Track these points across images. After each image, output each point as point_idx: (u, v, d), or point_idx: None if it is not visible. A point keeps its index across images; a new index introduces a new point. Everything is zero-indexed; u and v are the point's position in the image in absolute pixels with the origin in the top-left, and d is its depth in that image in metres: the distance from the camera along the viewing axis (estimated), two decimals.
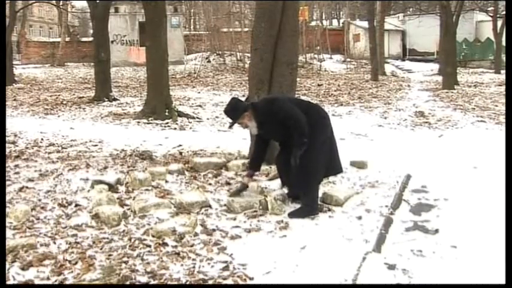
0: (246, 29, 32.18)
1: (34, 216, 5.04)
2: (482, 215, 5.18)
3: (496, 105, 15.04)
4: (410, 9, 48.78)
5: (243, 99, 5.89)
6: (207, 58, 32.45)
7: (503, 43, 32.28)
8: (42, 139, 9.30)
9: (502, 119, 12.35)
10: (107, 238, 4.54)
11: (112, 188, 5.91)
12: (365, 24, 33.11)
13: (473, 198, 5.76)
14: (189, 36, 36.55)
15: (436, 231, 4.78)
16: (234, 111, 5.32)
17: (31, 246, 4.22)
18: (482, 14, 36.72)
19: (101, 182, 6.01)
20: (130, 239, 4.50)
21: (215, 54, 33.10)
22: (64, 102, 15.86)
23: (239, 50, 31.66)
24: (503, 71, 30.73)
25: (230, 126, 5.62)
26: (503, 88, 20.62)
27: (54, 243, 4.39)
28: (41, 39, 42.91)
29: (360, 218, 5.13)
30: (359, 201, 5.64)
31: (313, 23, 41.15)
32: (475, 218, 5.09)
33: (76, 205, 5.38)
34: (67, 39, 36.01)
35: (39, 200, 5.54)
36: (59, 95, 17.98)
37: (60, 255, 4.14)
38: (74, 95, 18.21)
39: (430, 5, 39.89)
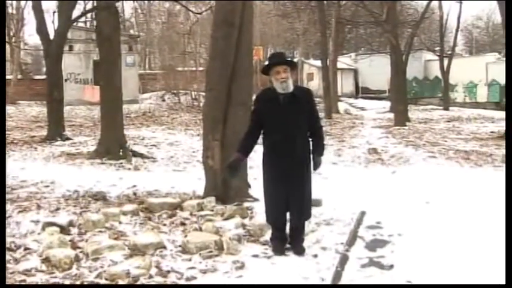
0: (201, 68, 32.39)
1: None
2: (436, 249, 5.27)
3: (446, 141, 15.51)
4: (362, 49, 50.24)
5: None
6: (162, 97, 32.44)
7: (450, 81, 33.68)
8: None
9: (452, 154, 12.74)
10: (58, 283, 4.39)
11: (64, 230, 5.75)
12: (318, 63, 33.81)
13: (426, 233, 5.85)
14: (144, 75, 36.54)
15: (391, 266, 4.82)
16: (288, 58, 5.72)
17: None
18: (430, 53, 38.26)
19: (52, 224, 5.84)
20: (82, 283, 4.37)
21: (170, 93, 33.12)
22: (15, 141, 15.46)
23: (194, 89, 31.75)
24: (451, 108, 31.95)
25: (272, 64, 5.36)
26: (451, 124, 21.32)
27: None
28: None
29: (315, 256, 5.13)
30: (314, 239, 5.65)
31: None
32: (428, 252, 5.16)
33: (25, 249, 5.19)
34: (19, 76, 35.33)
35: None
36: (9, 134, 17.55)
37: None
38: (25, 134, 17.79)
39: (380, 44, 41.22)
